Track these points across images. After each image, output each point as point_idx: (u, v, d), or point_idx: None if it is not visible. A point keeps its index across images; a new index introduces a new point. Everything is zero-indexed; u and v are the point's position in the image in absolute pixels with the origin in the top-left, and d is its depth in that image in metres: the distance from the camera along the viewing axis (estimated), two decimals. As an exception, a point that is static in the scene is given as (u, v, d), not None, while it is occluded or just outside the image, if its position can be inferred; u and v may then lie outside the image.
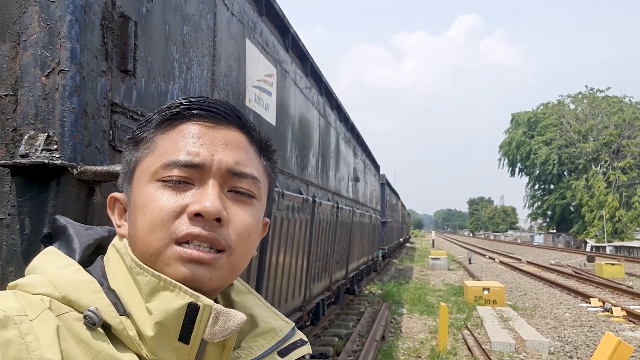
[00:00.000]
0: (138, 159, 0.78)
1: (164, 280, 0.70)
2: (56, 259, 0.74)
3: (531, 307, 12.62)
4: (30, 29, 1.73)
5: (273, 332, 0.82)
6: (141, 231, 0.73)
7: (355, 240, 8.55)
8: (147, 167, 0.75)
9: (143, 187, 0.75)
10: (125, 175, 0.80)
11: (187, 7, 2.55)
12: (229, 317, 0.71)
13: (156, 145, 0.76)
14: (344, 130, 7.50)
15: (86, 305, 0.68)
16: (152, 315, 0.69)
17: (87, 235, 0.80)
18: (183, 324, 0.69)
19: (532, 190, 61.92)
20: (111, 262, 0.76)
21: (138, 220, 0.74)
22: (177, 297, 0.69)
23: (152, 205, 0.72)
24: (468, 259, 26.27)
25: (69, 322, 0.67)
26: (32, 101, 1.71)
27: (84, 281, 0.71)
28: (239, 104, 3.19)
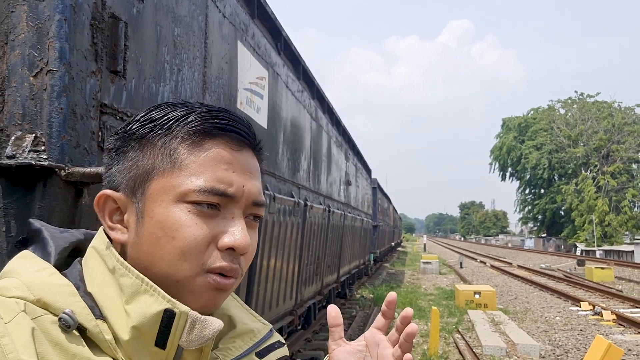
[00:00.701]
0: (156, 167, 0.73)
1: (146, 284, 0.70)
2: (31, 263, 0.73)
3: (522, 310, 12.66)
4: (18, 28, 1.71)
5: (251, 334, 0.83)
6: (169, 255, 0.71)
7: (347, 244, 8.54)
8: (173, 185, 0.72)
9: (169, 206, 0.72)
10: (132, 178, 0.74)
11: (179, 8, 2.53)
12: (206, 324, 0.71)
13: (182, 162, 0.72)
14: (335, 133, 7.50)
15: (61, 308, 0.67)
16: (129, 319, 0.69)
17: (62, 238, 0.78)
18: (160, 329, 0.69)
19: (523, 195, 62.33)
20: (90, 264, 0.75)
21: (163, 242, 0.71)
22: (155, 302, 0.69)
23: (185, 231, 0.70)
24: (459, 263, 26.34)
25: (44, 325, 0.66)
26: (19, 101, 1.69)
27: (60, 284, 0.70)
28: (230, 107, 3.18)
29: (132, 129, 0.75)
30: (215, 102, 2.96)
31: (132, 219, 0.74)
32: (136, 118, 0.77)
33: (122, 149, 0.76)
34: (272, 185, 4.02)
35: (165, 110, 0.76)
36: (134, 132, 0.75)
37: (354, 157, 9.90)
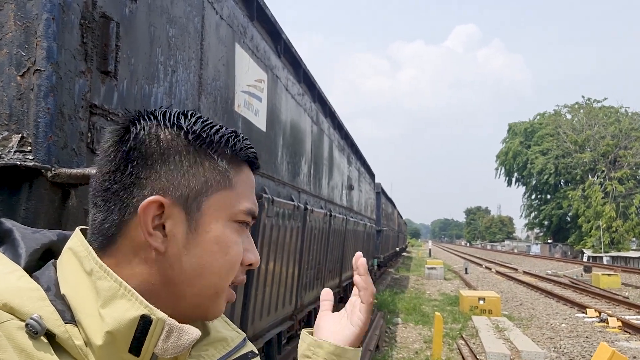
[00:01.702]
0: (212, 182, 0.74)
1: (124, 288, 0.68)
2: (0, 264, 0.70)
3: (527, 317, 12.55)
4: (5, 27, 1.69)
5: (224, 342, 0.81)
6: (222, 269, 0.75)
7: (349, 249, 8.49)
8: (228, 203, 0.75)
9: (223, 222, 0.75)
10: (185, 188, 0.72)
11: (174, 9, 2.51)
12: (183, 332, 0.69)
13: (233, 182, 0.76)
14: (337, 137, 7.47)
15: (29, 313, 0.65)
16: (103, 323, 0.66)
17: (34, 239, 0.75)
18: (135, 336, 0.67)
19: (529, 200, 62.02)
20: (65, 265, 0.72)
21: (218, 256, 0.74)
22: (132, 308, 0.67)
23: (235, 248, 0.76)
24: (464, 268, 26.20)
25: (9, 331, 0.63)
26: (6, 101, 1.67)
27: (28, 288, 0.68)
28: (227, 109, 3.16)
29: (184, 137, 0.73)
30: (212, 104, 2.93)
31: (179, 229, 0.72)
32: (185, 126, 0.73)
33: (168, 154, 0.72)
34: (271, 188, 3.99)
35: (214, 126, 0.76)
36: (186, 141, 0.73)
37: (356, 162, 9.86)
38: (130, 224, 0.71)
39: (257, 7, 3.81)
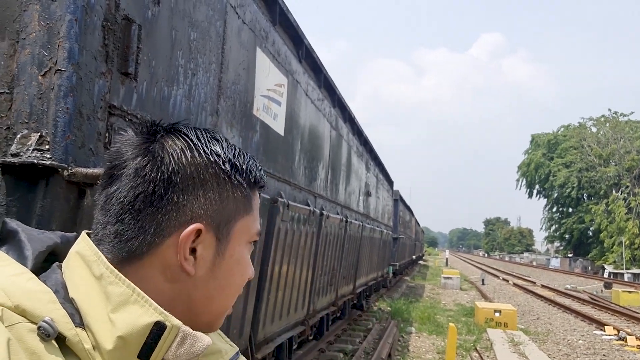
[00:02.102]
0: (237, 209, 0.77)
1: (137, 294, 0.68)
2: (7, 265, 0.70)
3: (544, 332, 12.34)
4: (30, 27, 1.72)
5: (218, 354, 0.82)
6: (237, 288, 0.79)
7: (364, 255, 8.45)
8: (248, 227, 0.79)
9: (244, 245, 0.79)
10: (217, 215, 0.74)
11: (196, 13, 2.53)
12: (197, 340, 0.70)
13: (252, 207, 0.80)
14: (356, 143, 7.45)
15: (41, 316, 0.65)
16: (114, 328, 0.67)
17: (39, 240, 0.75)
18: (146, 342, 0.67)
19: (550, 213, 61.10)
20: (73, 269, 0.72)
21: (237, 277, 0.78)
22: (145, 314, 0.67)
23: (250, 268, 0.80)
24: (481, 279, 25.89)
25: (20, 333, 0.63)
26: (27, 100, 1.69)
27: (39, 290, 0.68)
28: (246, 113, 3.17)
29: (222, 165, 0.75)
30: (230, 107, 2.95)
31: (209, 253, 0.74)
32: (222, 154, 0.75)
33: (206, 181, 0.74)
34: (287, 192, 3.99)
35: (241, 153, 0.78)
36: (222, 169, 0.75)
37: (375, 168, 9.82)
38: (162, 245, 0.72)
39: (279, 12, 3.83)
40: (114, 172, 0.73)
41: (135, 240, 0.71)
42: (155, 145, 0.72)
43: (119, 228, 0.72)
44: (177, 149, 0.72)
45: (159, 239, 0.71)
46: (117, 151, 0.74)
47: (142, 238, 0.71)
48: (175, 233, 0.72)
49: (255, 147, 3.31)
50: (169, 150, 0.72)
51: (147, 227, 0.71)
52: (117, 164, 0.73)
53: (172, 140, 0.73)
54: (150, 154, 0.72)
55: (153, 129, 0.74)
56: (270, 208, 3.49)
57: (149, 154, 0.72)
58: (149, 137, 0.73)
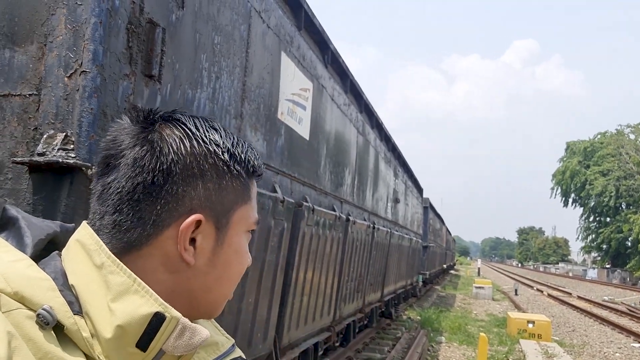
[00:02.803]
0: (236, 198, 0.77)
1: (138, 284, 0.68)
2: (6, 252, 0.69)
3: (579, 344, 11.97)
4: (57, 30, 1.77)
5: (215, 346, 0.81)
6: (235, 277, 0.80)
7: (393, 263, 8.37)
8: (246, 216, 0.79)
9: (242, 234, 0.79)
10: (217, 205, 0.74)
11: (220, 17, 2.56)
12: (195, 332, 0.70)
13: (250, 196, 0.80)
14: (384, 149, 7.41)
15: (40, 304, 0.64)
16: (114, 317, 0.66)
17: (39, 228, 0.74)
18: (145, 331, 0.67)
19: (587, 222, 59.41)
20: (74, 258, 0.71)
21: (234, 266, 0.78)
22: (146, 304, 0.67)
23: (247, 257, 0.80)
24: (514, 289, 25.32)
25: (18, 320, 0.63)
26: (53, 101, 1.74)
27: (39, 277, 0.67)
28: (270, 116, 3.18)
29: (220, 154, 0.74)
30: (255, 111, 2.97)
31: (208, 243, 0.74)
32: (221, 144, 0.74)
33: (205, 171, 0.73)
34: (312, 197, 3.99)
35: (239, 142, 0.77)
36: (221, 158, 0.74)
37: (403, 175, 9.74)
38: (161, 236, 0.71)
39: (305, 17, 3.85)
40: (110, 161, 0.72)
41: (134, 231, 0.71)
42: (154, 135, 0.71)
43: (117, 218, 0.71)
44: (176, 139, 0.71)
45: (159, 230, 0.71)
46: (113, 139, 0.73)
47: (141, 229, 0.70)
48: (175, 223, 0.71)
49: (279, 151, 3.32)
50: (167, 140, 0.71)
51: (146, 217, 0.70)
52: (113, 152, 0.72)
53: (171, 129, 0.72)
54: (149, 143, 0.70)
55: (150, 117, 0.73)
56: (295, 212, 3.48)
57: (147, 143, 0.70)
58: (146, 126, 0.72)
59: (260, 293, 3.10)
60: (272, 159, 3.22)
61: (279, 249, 3.29)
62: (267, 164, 3.15)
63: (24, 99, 1.76)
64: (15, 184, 1.73)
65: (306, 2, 3.79)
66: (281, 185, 3.33)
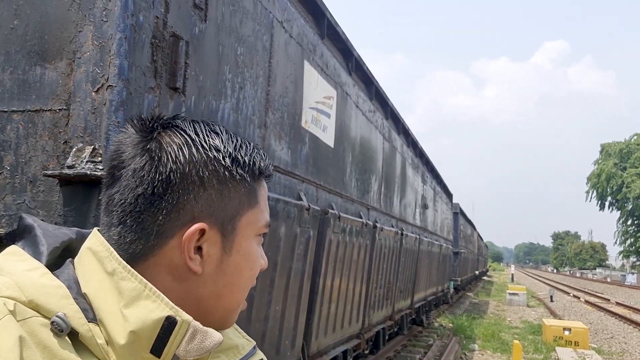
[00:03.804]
0: (241, 203, 0.76)
1: (149, 289, 0.68)
2: (22, 260, 0.71)
3: (618, 351, 11.60)
4: (84, 46, 1.82)
5: (235, 349, 0.81)
6: (246, 283, 0.79)
7: (422, 270, 8.29)
8: (254, 220, 0.78)
9: (250, 238, 0.78)
10: (221, 212, 0.74)
11: (243, 28, 2.60)
12: (207, 336, 0.70)
13: (257, 199, 0.78)
14: (411, 155, 7.36)
15: (54, 311, 0.66)
16: (127, 323, 0.67)
17: (54, 236, 0.75)
18: (158, 336, 0.67)
19: (625, 226, 57.70)
20: (85, 265, 0.72)
21: (245, 272, 0.78)
22: (157, 309, 0.67)
23: (258, 262, 0.80)
24: (549, 296, 24.72)
25: (32, 328, 0.64)
26: (82, 115, 1.79)
27: (53, 285, 0.68)
28: (294, 125, 3.21)
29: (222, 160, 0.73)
30: (279, 120, 3.00)
31: (215, 250, 0.74)
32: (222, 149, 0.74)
33: (207, 178, 0.72)
34: (338, 204, 3.99)
35: (242, 145, 0.76)
36: (223, 164, 0.73)
37: (432, 180, 9.66)
38: (166, 246, 0.71)
39: (327, 25, 3.87)
40: (114, 172, 0.73)
41: (138, 243, 0.71)
42: (153, 144, 0.71)
43: (121, 231, 0.71)
44: (175, 147, 0.71)
45: (163, 240, 0.71)
46: (116, 150, 0.73)
47: (145, 240, 0.71)
48: (179, 233, 0.71)
49: (304, 159, 3.34)
50: (166, 149, 0.70)
51: (149, 229, 0.70)
52: (116, 163, 0.72)
53: (170, 137, 0.71)
54: (148, 153, 0.70)
55: (150, 125, 0.72)
56: (320, 220, 3.49)
57: (146, 153, 0.70)
58: (146, 135, 0.72)
59: (288, 301, 3.12)
60: (297, 167, 3.25)
61: (306, 256, 3.30)
62: (292, 172, 3.17)
63: (54, 113, 1.82)
64: (47, 196, 1.78)
65: (329, 10, 3.81)
66: (307, 193, 3.34)
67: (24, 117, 1.85)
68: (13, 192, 1.82)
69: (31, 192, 1.81)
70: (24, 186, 1.82)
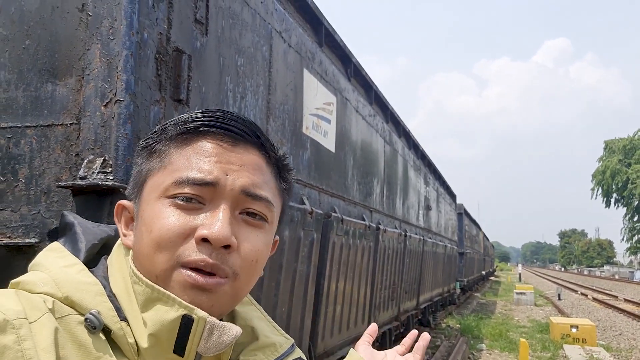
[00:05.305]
0: (150, 170, 0.75)
1: (157, 291, 0.69)
2: (61, 257, 0.74)
3: (627, 348, 11.59)
4: (93, 63, 1.92)
5: (272, 347, 0.81)
6: (147, 248, 0.71)
7: (427, 270, 8.35)
8: (159, 182, 0.73)
9: (152, 202, 0.73)
10: (135, 185, 0.77)
11: (242, 40, 2.70)
12: (224, 330, 0.70)
13: (170, 160, 0.74)
14: (413, 157, 7.44)
15: (88, 308, 0.68)
16: (146, 327, 0.69)
17: (93, 233, 0.80)
18: (177, 336, 0.68)
19: (631, 223, 57.48)
20: (114, 264, 0.76)
21: (144, 236, 0.72)
22: (171, 309, 0.68)
23: (160, 223, 0.70)
24: (557, 294, 24.66)
25: (70, 326, 0.66)
26: (92, 128, 1.89)
27: (88, 282, 0.71)
28: (295, 132, 3.30)
29: (146, 140, 0.79)
30: (280, 127, 3.09)
31: (135, 222, 0.77)
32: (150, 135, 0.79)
33: (136, 160, 0.79)
34: (341, 208, 4.07)
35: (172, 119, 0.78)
36: (145, 142, 0.78)
37: (434, 182, 9.73)
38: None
39: (325, 33, 3.97)
40: None
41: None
42: None
43: None
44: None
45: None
46: None
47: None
48: None
49: (306, 164, 3.43)
50: None
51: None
52: None
53: None
54: None
55: None
56: (324, 223, 3.58)
57: None
58: None
59: (293, 302, 3.20)
60: (300, 172, 3.33)
61: (310, 259, 3.38)
62: (295, 177, 3.26)
63: (65, 128, 1.92)
64: (61, 206, 1.88)
65: (326, 19, 3.91)
66: (309, 197, 3.43)
67: (37, 131, 1.95)
68: (28, 203, 1.92)
69: (45, 202, 1.90)
70: (38, 197, 1.91)
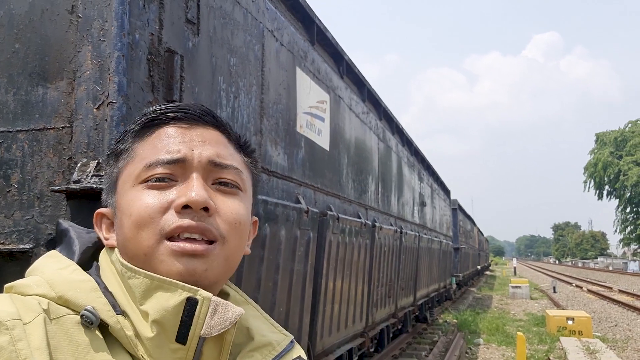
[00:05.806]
0: (120, 169, 0.79)
1: (157, 280, 0.70)
2: (56, 261, 0.76)
3: (623, 339, 11.67)
4: (84, 66, 1.90)
5: (270, 347, 0.80)
6: (130, 232, 0.74)
7: (423, 266, 8.36)
8: (129, 174, 0.77)
9: (127, 191, 0.76)
10: (108, 188, 0.82)
11: (234, 40, 2.68)
12: (228, 308, 0.71)
13: (136, 153, 0.78)
14: (406, 154, 7.45)
15: (82, 305, 0.68)
16: (148, 316, 0.70)
17: (87, 237, 0.82)
18: (181, 321, 0.69)
19: (624, 214, 57.84)
20: (105, 266, 0.78)
21: (125, 223, 0.75)
22: (174, 294, 0.69)
23: (137, 204, 0.74)
24: (552, 287, 24.80)
25: (66, 326, 0.67)
26: (85, 131, 1.87)
27: (82, 280, 0.72)
28: (289, 130, 3.29)
29: (110, 147, 0.84)
30: (274, 126, 3.08)
31: (115, 220, 0.80)
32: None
33: (105, 168, 0.84)
34: (337, 206, 4.06)
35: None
36: (111, 149, 0.84)
37: (428, 178, 9.74)
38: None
39: (317, 31, 3.95)
40: None
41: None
42: None
43: None
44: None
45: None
46: None
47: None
48: None
49: (300, 163, 3.42)
50: None
51: None
52: None
53: None
54: None
55: None
56: (319, 221, 3.57)
57: None
58: None
59: (291, 302, 3.19)
60: (294, 171, 3.32)
61: (307, 258, 3.38)
62: (289, 176, 3.24)
63: (57, 131, 1.90)
64: (54, 210, 1.86)
65: (317, 17, 3.89)
66: (305, 196, 3.42)
67: (28, 136, 1.92)
68: (21, 208, 1.89)
69: (39, 207, 1.88)
70: (31, 202, 1.89)
